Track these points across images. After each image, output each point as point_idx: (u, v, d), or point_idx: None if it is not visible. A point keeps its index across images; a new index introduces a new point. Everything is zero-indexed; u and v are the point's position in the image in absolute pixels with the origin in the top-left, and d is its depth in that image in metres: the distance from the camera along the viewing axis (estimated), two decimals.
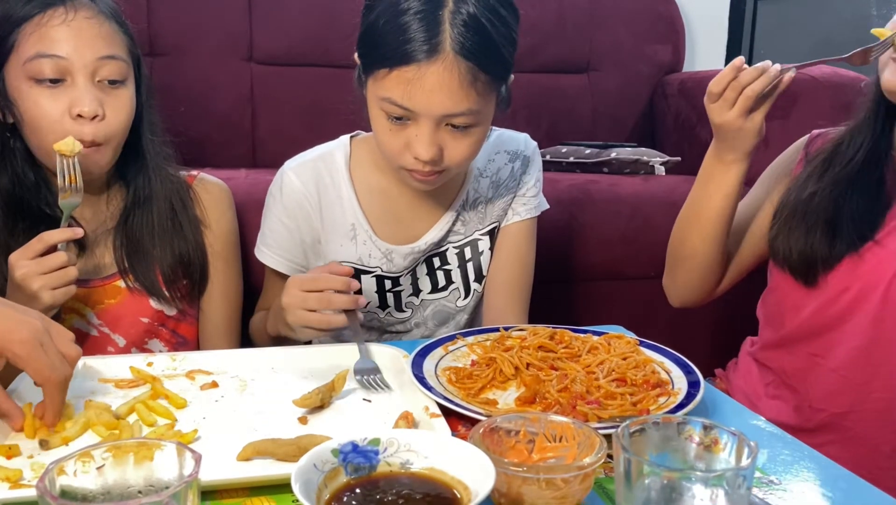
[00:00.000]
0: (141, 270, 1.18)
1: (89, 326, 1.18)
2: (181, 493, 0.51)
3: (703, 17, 2.56)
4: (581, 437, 0.66)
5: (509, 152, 1.26)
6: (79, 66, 1.06)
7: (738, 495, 0.57)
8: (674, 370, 0.93)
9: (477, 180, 1.24)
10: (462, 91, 1.01)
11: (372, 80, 1.05)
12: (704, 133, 2.13)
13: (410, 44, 0.98)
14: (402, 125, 1.04)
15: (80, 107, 1.06)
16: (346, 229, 1.20)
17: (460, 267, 1.25)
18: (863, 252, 1.10)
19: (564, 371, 0.91)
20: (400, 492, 0.61)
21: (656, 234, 1.75)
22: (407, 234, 1.21)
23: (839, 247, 1.11)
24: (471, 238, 1.25)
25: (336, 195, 1.20)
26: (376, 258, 1.20)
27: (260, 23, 2.08)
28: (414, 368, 0.90)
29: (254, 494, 0.69)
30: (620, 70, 2.33)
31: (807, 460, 0.78)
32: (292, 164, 1.22)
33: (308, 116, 2.09)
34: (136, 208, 1.19)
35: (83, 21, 1.07)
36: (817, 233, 1.12)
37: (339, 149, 1.22)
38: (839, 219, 1.11)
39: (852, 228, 1.11)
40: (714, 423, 0.63)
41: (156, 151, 1.20)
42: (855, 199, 1.11)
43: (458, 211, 1.23)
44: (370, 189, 1.21)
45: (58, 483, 0.54)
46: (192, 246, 1.22)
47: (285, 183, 1.20)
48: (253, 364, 0.97)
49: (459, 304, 1.26)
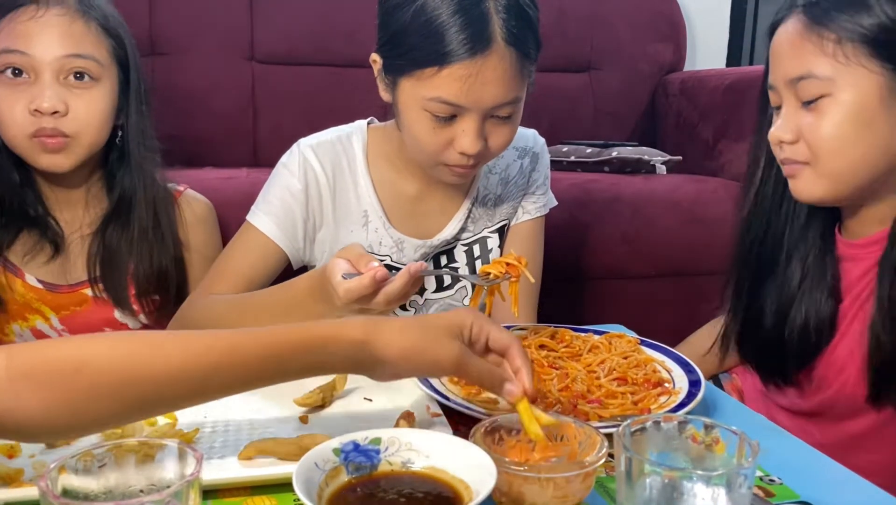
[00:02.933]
0: (111, 281, 1.16)
1: (51, 330, 1.17)
2: (183, 492, 0.51)
3: (705, 15, 2.56)
4: (582, 436, 0.66)
5: (518, 149, 1.26)
6: (43, 62, 1.07)
7: (740, 495, 0.57)
8: (675, 369, 0.93)
9: (487, 177, 1.24)
10: (514, 81, 1.01)
11: (411, 82, 1.02)
12: (705, 132, 2.13)
13: (463, 39, 0.97)
14: (447, 124, 1.02)
15: (38, 102, 1.06)
16: (359, 216, 1.18)
17: (468, 265, 1.24)
18: (828, 350, 1.03)
19: (565, 370, 0.91)
20: (401, 491, 0.61)
21: (657, 234, 1.76)
22: (419, 229, 1.20)
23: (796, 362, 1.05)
24: (480, 235, 1.24)
25: (352, 181, 1.18)
26: (387, 246, 1.19)
27: (261, 22, 2.08)
28: None
29: (255, 493, 0.69)
30: (621, 69, 2.33)
31: (809, 459, 0.78)
32: (311, 142, 1.18)
33: (309, 115, 2.09)
34: (116, 217, 1.17)
35: (53, 18, 1.08)
36: (769, 356, 1.08)
37: (356, 134, 1.20)
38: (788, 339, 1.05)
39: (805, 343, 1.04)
40: (715, 422, 0.63)
41: (142, 158, 1.17)
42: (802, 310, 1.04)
43: (469, 208, 1.22)
44: (385, 180, 1.19)
45: (59, 482, 0.54)
46: (171, 260, 1.19)
47: (303, 160, 1.16)
48: None
49: (466, 302, 1.26)
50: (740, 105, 2.01)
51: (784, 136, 0.96)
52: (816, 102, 0.93)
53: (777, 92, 0.98)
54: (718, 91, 2.09)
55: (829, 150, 0.93)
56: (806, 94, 0.94)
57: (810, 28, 0.93)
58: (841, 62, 0.91)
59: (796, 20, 0.95)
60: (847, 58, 0.91)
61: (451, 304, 1.26)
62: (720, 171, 2.02)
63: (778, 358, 1.07)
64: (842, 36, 0.91)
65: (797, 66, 0.94)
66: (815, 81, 0.92)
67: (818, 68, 0.92)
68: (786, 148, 0.97)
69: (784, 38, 0.96)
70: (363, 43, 2.10)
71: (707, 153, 2.10)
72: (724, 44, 2.66)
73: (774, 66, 0.98)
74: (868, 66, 0.90)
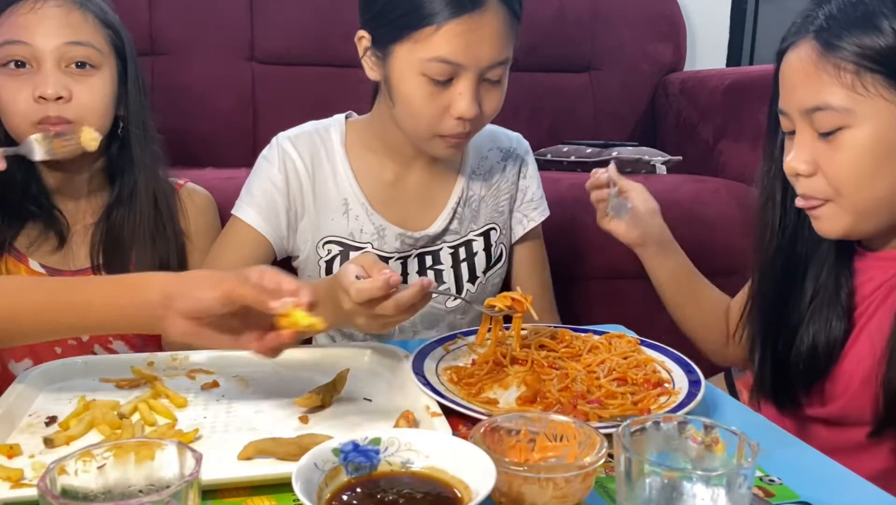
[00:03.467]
0: (113, 268, 1.18)
1: None
2: (182, 492, 0.51)
3: (705, 15, 2.56)
4: (582, 436, 0.66)
5: (501, 150, 1.28)
6: (45, 51, 1.09)
7: (739, 495, 0.57)
8: (674, 369, 0.93)
9: (470, 178, 1.25)
10: (507, 38, 1.05)
11: (408, 46, 1.04)
12: (706, 132, 2.13)
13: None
14: (443, 88, 1.04)
15: (42, 89, 1.09)
16: (339, 203, 1.19)
17: (453, 267, 1.24)
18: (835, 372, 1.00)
19: (565, 370, 0.91)
20: (401, 491, 0.61)
21: None
22: (399, 216, 1.21)
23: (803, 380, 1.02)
24: (465, 238, 1.25)
25: (331, 169, 1.20)
26: (368, 234, 1.19)
27: (261, 22, 2.08)
28: (415, 368, 0.90)
29: (255, 494, 0.69)
30: (622, 69, 2.33)
31: (809, 459, 0.78)
32: (289, 134, 1.22)
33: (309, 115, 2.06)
34: (119, 205, 1.19)
35: (51, 9, 1.10)
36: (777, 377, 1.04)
37: (334, 126, 1.23)
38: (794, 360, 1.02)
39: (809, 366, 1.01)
40: (715, 422, 0.63)
41: (144, 150, 1.20)
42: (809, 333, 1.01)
43: (454, 208, 1.23)
44: (365, 167, 1.21)
45: (59, 482, 0.54)
46: (174, 250, 1.22)
47: (281, 151, 1.19)
48: (254, 363, 0.97)
49: (449, 305, 1.26)
50: (740, 105, 2.01)
51: (800, 167, 0.92)
52: (834, 134, 0.89)
53: (789, 118, 0.94)
54: (718, 91, 2.09)
55: (850, 185, 0.90)
56: (823, 126, 0.90)
57: (825, 57, 0.88)
58: (860, 93, 0.87)
59: (808, 47, 0.90)
60: (866, 89, 0.87)
61: (434, 306, 1.24)
62: (720, 170, 2.02)
63: (785, 379, 1.04)
64: (860, 66, 0.87)
65: (812, 97, 0.90)
66: (833, 113, 0.88)
67: (835, 99, 0.88)
68: (803, 182, 0.93)
69: (797, 66, 0.92)
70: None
71: (707, 153, 2.10)
72: (725, 44, 2.66)
73: (787, 93, 0.94)
74: (887, 97, 0.87)
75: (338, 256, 1.19)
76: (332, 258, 1.19)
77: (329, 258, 1.19)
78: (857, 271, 1.01)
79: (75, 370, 0.93)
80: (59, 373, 0.92)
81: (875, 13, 0.87)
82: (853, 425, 1.00)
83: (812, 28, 0.91)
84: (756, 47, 2.66)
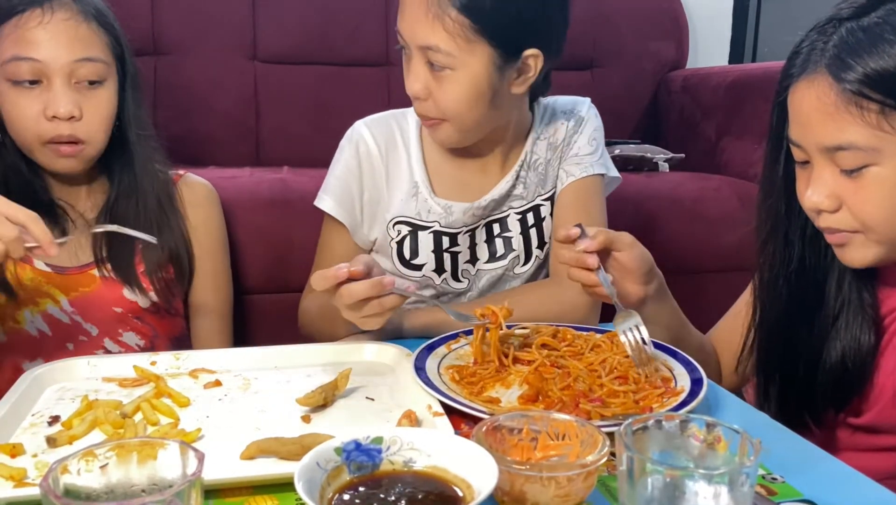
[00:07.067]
0: (117, 260, 1.19)
1: (62, 313, 1.19)
2: (184, 491, 0.51)
3: (707, 13, 2.56)
4: (584, 435, 0.66)
5: (566, 112, 1.29)
6: (55, 68, 1.09)
7: (742, 493, 0.57)
8: (676, 368, 0.93)
9: (535, 142, 1.26)
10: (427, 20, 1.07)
11: None
12: (708, 130, 2.13)
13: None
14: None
15: (54, 108, 1.09)
16: (409, 186, 1.23)
17: (522, 234, 1.26)
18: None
19: (567, 369, 0.90)
20: (403, 490, 0.61)
21: (660, 231, 1.76)
22: (464, 192, 1.24)
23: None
24: (533, 203, 1.26)
25: (404, 152, 1.24)
26: (435, 213, 1.22)
27: (263, 21, 2.08)
28: (417, 367, 0.90)
29: (257, 493, 0.69)
30: (624, 67, 2.33)
31: (811, 458, 0.78)
32: (367, 120, 1.26)
33: (312, 114, 2.09)
34: (119, 199, 1.20)
35: (60, 23, 1.10)
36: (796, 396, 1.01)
37: (412, 112, 1.25)
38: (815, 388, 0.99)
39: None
40: (717, 420, 0.63)
41: (142, 146, 1.21)
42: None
43: (517, 171, 1.24)
44: (435, 150, 1.24)
45: (61, 482, 0.54)
46: (179, 239, 1.24)
47: (357, 135, 1.24)
48: (256, 363, 0.97)
49: (517, 270, 1.27)
50: (743, 102, 2.01)
51: (823, 204, 0.89)
52: (860, 172, 0.86)
53: (804, 151, 0.90)
54: (721, 88, 2.09)
55: (878, 219, 0.87)
56: (847, 164, 0.86)
57: (846, 96, 0.84)
58: (886, 131, 0.83)
59: (824, 83, 0.85)
60: (892, 126, 0.83)
61: (503, 273, 1.27)
62: (723, 168, 2.02)
63: (811, 398, 1.00)
64: (884, 105, 0.82)
65: (834, 136, 0.86)
66: (858, 153, 0.85)
67: (860, 139, 0.84)
68: (827, 217, 0.90)
69: (815, 104, 0.86)
70: (365, 42, 2.12)
71: (710, 150, 2.10)
72: (727, 41, 2.66)
73: (803, 128, 0.89)
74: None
75: (407, 237, 1.22)
76: (403, 238, 1.23)
77: (399, 239, 1.23)
78: (881, 284, 0.99)
79: (78, 370, 0.93)
80: (61, 372, 0.92)
81: (889, 41, 0.83)
82: (886, 433, 0.99)
83: (823, 62, 0.86)
84: (759, 44, 2.65)
